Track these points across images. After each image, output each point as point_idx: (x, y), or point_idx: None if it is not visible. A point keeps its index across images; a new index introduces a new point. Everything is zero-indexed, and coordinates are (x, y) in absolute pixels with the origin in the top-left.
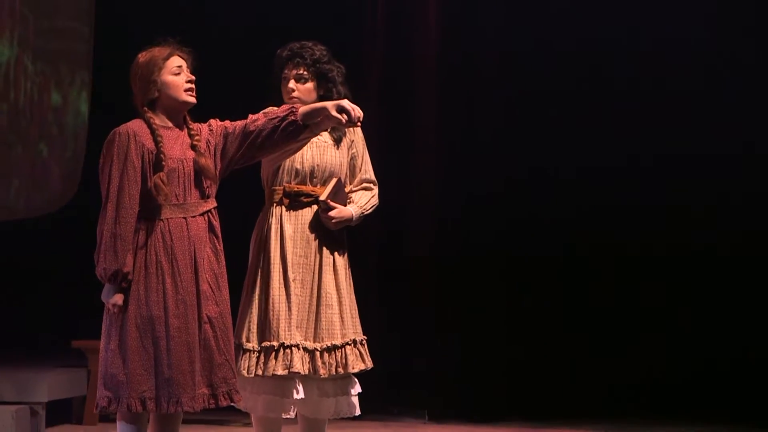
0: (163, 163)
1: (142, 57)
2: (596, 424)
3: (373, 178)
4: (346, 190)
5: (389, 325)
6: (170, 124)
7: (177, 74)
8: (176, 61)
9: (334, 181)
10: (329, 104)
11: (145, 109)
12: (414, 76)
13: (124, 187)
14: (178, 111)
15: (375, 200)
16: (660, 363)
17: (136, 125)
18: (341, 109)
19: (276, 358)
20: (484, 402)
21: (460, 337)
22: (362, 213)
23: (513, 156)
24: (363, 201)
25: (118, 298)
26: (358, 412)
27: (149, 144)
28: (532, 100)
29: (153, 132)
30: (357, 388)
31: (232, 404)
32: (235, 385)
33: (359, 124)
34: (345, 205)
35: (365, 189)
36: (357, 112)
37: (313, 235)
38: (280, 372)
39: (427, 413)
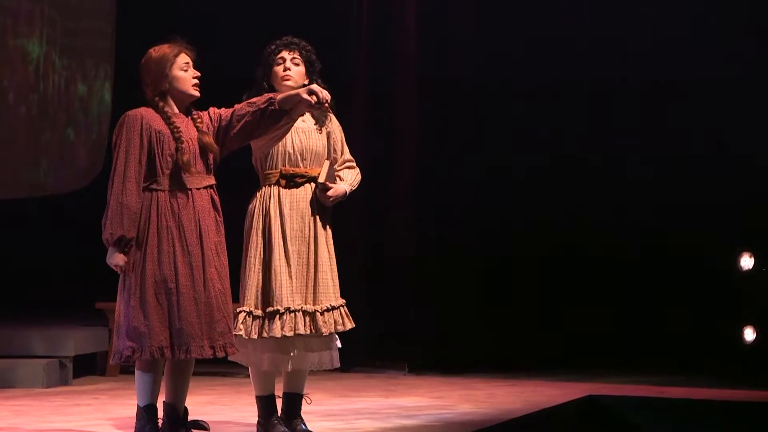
0: (182, 138)
1: (155, 52)
2: (566, 375)
3: (351, 157)
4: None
5: (373, 289)
6: (177, 111)
7: (185, 70)
8: (184, 58)
9: (327, 163)
10: (302, 89)
11: (157, 98)
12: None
13: (130, 162)
14: (184, 102)
15: (359, 176)
16: (624, 316)
17: (144, 110)
18: (311, 92)
19: (281, 320)
20: (459, 355)
21: (436, 297)
22: (351, 188)
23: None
24: (350, 178)
25: (119, 259)
26: (338, 364)
27: (156, 126)
28: (506, 103)
29: (164, 116)
30: (337, 344)
31: (225, 356)
32: (231, 339)
33: (327, 105)
34: (336, 183)
35: (349, 167)
36: (324, 94)
37: (308, 211)
38: (287, 333)
39: (407, 366)
